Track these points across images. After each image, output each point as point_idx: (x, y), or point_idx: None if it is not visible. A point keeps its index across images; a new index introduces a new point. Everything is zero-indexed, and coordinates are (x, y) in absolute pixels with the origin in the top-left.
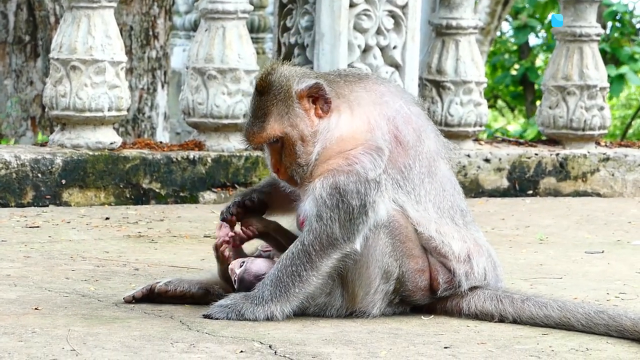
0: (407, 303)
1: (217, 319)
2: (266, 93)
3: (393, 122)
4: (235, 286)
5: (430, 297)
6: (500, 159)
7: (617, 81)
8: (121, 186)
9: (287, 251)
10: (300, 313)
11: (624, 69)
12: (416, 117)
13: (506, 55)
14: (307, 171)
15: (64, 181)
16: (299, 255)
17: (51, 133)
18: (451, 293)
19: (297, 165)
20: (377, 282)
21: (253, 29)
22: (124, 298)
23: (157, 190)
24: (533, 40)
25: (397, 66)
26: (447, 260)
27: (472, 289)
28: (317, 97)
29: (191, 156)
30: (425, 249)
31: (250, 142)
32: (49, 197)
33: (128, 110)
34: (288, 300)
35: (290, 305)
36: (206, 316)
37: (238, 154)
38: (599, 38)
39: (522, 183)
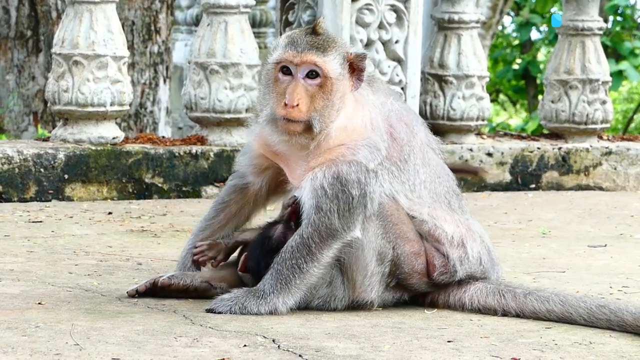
0: (404, 288)
1: (220, 312)
2: (324, 35)
3: (388, 121)
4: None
5: (427, 282)
6: (502, 153)
7: (616, 77)
8: (124, 181)
9: (286, 245)
10: (304, 307)
11: (623, 65)
12: (406, 111)
13: (508, 50)
14: (319, 129)
15: (66, 176)
16: (298, 249)
17: (53, 128)
18: (448, 279)
19: (320, 115)
20: (372, 265)
21: (255, 23)
22: (127, 292)
23: (159, 185)
24: (535, 34)
25: (399, 60)
26: (441, 244)
27: (474, 281)
28: (355, 70)
29: (193, 151)
30: (421, 235)
31: (300, 54)
32: (51, 192)
33: (130, 105)
34: (290, 293)
35: (293, 297)
36: (209, 310)
37: (240, 149)
38: (601, 32)
39: (525, 177)
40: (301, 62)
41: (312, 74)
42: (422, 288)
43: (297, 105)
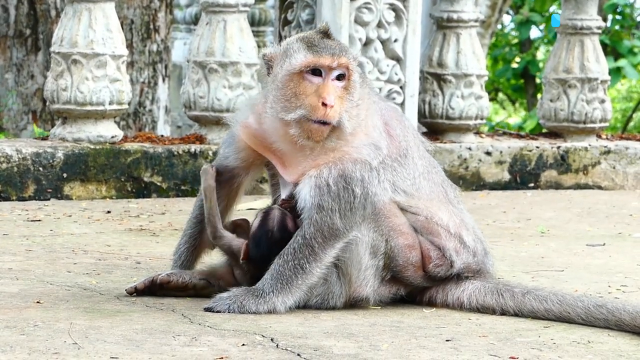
0: (400, 282)
1: (218, 311)
2: (337, 40)
3: (383, 119)
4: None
5: (423, 276)
6: (501, 152)
7: (614, 74)
8: (122, 180)
9: (287, 247)
10: (302, 306)
11: (621, 62)
12: (393, 109)
13: (507, 48)
14: (351, 129)
15: (65, 175)
16: (301, 249)
17: (52, 127)
18: (444, 272)
19: (349, 115)
20: (366, 259)
21: (254, 22)
22: (126, 290)
23: (158, 184)
24: (534, 33)
25: (398, 59)
26: (435, 236)
27: (472, 279)
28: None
29: (192, 149)
30: (415, 229)
31: (336, 57)
32: (50, 190)
33: (129, 103)
34: (290, 292)
35: (293, 297)
36: (208, 309)
37: None
38: (599, 31)
39: (524, 176)
40: (338, 65)
41: (340, 77)
42: (418, 281)
43: (333, 106)
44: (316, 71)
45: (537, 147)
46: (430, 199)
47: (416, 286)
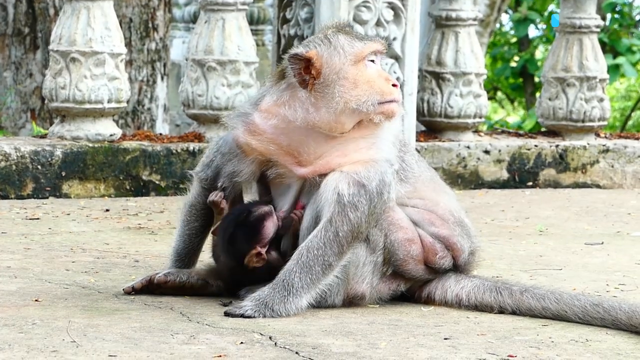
0: (401, 277)
1: (249, 317)
2: None
3: None
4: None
5: (425, 269)
6: (500, 151)
7: (613, 71)
8: (121, 178)
9: (315, 238)
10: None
11: (620, 60)
12: None
13: (506, 47)
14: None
15: (63, 173)
16: (331, 245)
17: (51, 125)
18: (450, 263)
19: None
20: (364, 255)
21: (252, 20)
22: (123, 289)
23: (157, 182)
24: (533, 32)
25: (396, 58)
26: (438, 228)
27: (472, 276)
28: None
29: (191, 148)
30: (415, 222)
31: (384, 44)
32: (48, 189)
33: (128, 102)
34: (315, 288)
35: (314, 293)
36: (228, 314)
37: None
38: (598, 30)
39: (522, 174)
40: (387, 50)
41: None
42: (419, 274)
43: (398, 85)
44: (374, 58)
45: (536, 146)
46: (428, 185)
47: (417, 280)
